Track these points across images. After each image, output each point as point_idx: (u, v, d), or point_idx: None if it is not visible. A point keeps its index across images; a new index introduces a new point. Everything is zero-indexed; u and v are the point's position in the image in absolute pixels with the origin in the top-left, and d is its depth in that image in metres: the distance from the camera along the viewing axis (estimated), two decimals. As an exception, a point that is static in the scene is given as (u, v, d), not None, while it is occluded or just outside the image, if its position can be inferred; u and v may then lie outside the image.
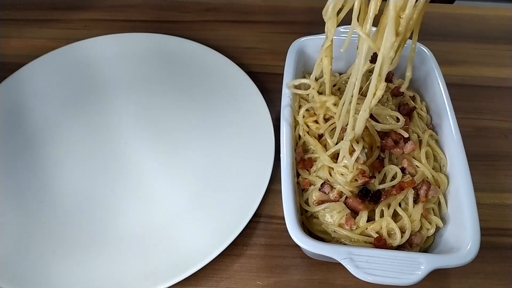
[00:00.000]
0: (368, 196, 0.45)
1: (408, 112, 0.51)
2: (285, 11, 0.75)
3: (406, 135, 0.48)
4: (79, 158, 0.56)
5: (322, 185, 0.46)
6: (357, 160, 0.45)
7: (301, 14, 0.75)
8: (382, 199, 0.45)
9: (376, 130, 0.48)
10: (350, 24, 0.39)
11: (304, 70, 0.58)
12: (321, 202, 0.46)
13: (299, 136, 0.51)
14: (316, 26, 0.73)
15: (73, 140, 0.58)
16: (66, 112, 0.60)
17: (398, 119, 0.49)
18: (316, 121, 0.51)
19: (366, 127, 0.48)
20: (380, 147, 0.48)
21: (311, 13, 0.75)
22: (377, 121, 0.49)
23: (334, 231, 0.45)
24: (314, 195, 0.47)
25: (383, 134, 0.48)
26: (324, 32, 0.57)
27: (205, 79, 0.63)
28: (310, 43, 0.56)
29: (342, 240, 0.45)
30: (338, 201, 0.46)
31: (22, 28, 0.72)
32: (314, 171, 0.49)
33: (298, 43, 0.56)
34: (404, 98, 0.53)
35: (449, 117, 0.49)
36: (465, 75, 0.67)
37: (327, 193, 0.46)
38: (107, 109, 0.61)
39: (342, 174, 0.46)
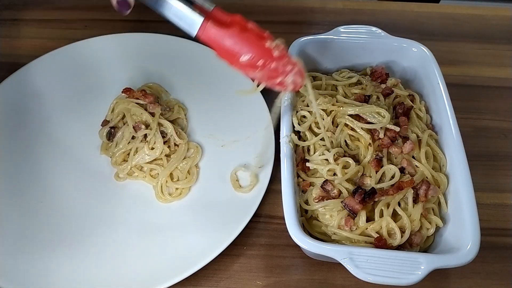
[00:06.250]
0: (361, 193, 0.45)
1: (405, 112, 0.51)
2: (285, 11, 0.75)
3: (397, 129, 0.48)
4: (79, 158, 0.56)
5: (324, 182, 0.46)
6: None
7: (301, 14, 0.75)
8: (376, 198, 0.45)
9: (366, 129, 0.48)
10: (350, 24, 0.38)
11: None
12: (321, 199, 0.46)
13: (300, 135, 0.51)
14: (316, 26, 0.74)
15: (73, 140, 0.58)
16: (66, 112, 0.60)
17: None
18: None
19: (352, 129, 0.49)
20: (371, 144, 0.48)
21: (311, 13, 0.75)
22: (366, 121, 0.49)
23: (334, 233, 0.45)
24: (314, 192, 0.47)
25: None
26: (323, 32, 0.57)
27: (205, 79, 0.63)
28: (310, 43, 0.56)
29: (343, 241, 0.45)
30: (338, 197, 0.46)
31: (22, 28, 0.72)
32: (312, 174, 0.49)
33: (298, 43, 0.56)
34: (400, 98, 0.53)
35: (449, 117, 0.49)
36: (465, 75, 0.67)
37: (329, 190, 0.46)
38: (107, 109, 0.60)
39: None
